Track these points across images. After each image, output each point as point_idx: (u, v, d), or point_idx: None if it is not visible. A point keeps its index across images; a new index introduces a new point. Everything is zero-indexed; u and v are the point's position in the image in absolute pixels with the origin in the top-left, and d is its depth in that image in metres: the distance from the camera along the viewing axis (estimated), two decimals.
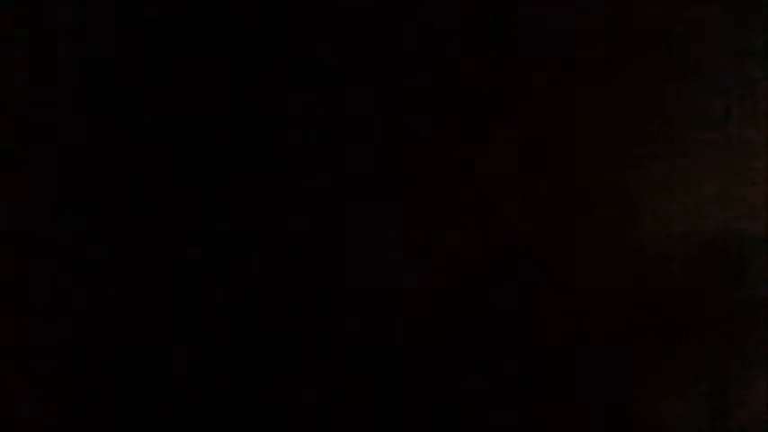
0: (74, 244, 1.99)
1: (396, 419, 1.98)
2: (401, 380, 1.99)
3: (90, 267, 1.99)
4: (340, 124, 2.03)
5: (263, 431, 1.98)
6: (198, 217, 2.01)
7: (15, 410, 1.95)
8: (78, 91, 2.01)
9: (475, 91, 2.03)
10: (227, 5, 2.03)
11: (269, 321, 2.00)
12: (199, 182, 2.01)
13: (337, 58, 2.03)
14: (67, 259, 1.98)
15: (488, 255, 2.01)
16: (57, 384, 1.97)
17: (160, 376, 1.98)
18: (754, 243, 2.01)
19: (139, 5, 2.02)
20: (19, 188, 1.98)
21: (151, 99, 2.02)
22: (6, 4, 1.98)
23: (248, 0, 2.03)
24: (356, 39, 2.03)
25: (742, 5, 2.03)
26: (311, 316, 2.00)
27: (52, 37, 2.00)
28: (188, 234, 2.00)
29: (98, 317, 1.99)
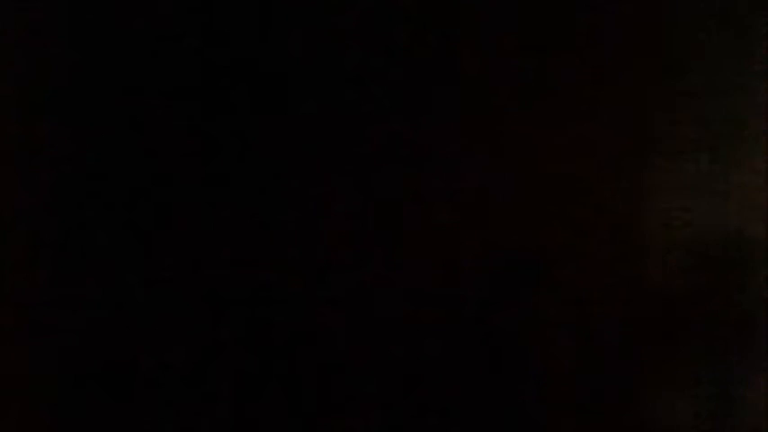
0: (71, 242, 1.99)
1: (393, 419, 1.98)
2: (399, 380, 1.99)
3: (90, 266, 1.99)
4: (339, 122, 2.03)
5: (262, 429, 1.98)
6: (200, 214, 2.01)
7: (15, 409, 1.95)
8: (74, 89, 2.01)
9: (474, 90, 2.03)
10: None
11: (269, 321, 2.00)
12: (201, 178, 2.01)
13: (345, 53, 2.04)
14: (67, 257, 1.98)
15: (488, 255, 2.01)
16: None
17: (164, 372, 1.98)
18: (755, 243, 2.02)
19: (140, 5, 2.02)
20: (16, 186, 1.98)
21: (149, 93, 2.02)
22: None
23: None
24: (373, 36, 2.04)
25: (743, 6, 2.04)
26: (310, 316, 2.00)
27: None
28: (188, 232, 2.00)
29: (99, 316, 1.98)
